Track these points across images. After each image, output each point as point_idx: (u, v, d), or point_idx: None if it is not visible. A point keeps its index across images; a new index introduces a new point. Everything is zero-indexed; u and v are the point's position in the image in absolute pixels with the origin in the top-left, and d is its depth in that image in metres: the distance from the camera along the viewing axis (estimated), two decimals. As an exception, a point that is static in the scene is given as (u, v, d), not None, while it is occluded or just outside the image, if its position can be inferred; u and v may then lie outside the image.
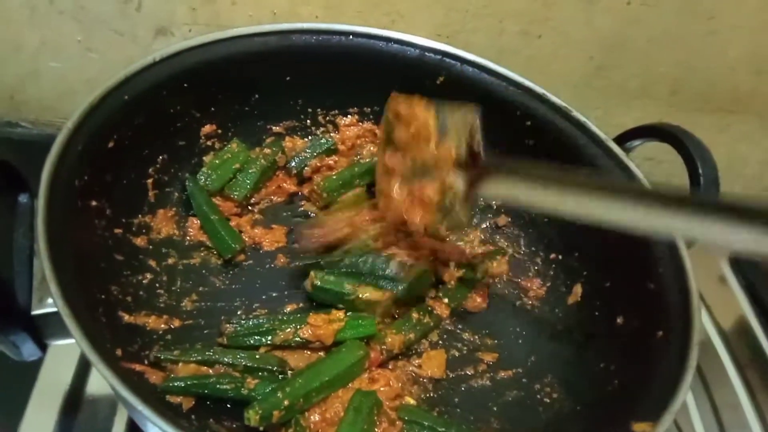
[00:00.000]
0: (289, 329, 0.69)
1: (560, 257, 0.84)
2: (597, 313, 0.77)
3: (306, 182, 0.87)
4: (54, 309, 0.53)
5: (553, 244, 0.85)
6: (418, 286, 0.76)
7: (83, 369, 0.76)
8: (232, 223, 0.80)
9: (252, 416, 0.60)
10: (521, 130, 0.83)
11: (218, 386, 0.64)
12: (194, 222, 0.80)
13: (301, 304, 0.75)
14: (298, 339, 0.69)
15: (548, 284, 0.83)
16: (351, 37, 0.83)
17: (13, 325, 0.55)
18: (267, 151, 0.85)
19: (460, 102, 0.71)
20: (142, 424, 0.62)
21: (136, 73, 0.71)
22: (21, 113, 1.07)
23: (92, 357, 0.51)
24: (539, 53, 1.03)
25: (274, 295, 0.76)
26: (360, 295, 0.72)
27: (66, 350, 0.75)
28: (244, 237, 0.80)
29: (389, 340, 0.71)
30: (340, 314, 0.71)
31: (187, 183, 0.81)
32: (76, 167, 0.64)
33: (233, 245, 0.77)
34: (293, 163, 0.86)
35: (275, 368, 0.66)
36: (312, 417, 0.63)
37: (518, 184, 0.66)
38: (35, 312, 0.57)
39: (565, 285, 0.82)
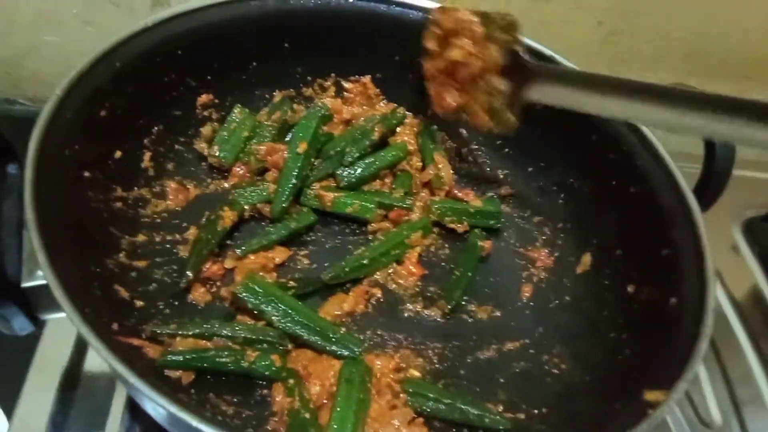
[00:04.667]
0: None
1: (569, 226, 0.82)
2: (607, 282, 0.75)
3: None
4: (44, 281, 0.52)
5: (561, 214, 0.83)
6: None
7: (81, 346, 0.75)
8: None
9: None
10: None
11: (217, 359, 0.62)
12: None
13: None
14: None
15: (556, 254, 0.81)
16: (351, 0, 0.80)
17: (3, 298, 0.54)
18: (276, 114, 0.82)
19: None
20: (139, 399, 0.61)
21: (127, 40, 0.69)
22: (19, 90, 1.05)
23: (81, 328, 0.49)
24: (548, 19, 1.00)
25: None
26: None
27: (63, 327, 0.74)
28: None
29: None
30: None
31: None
32: (66, 136, 0.62)
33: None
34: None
35: (275, 340, 0.65)
36: (314, 389, 0.61)
37: (564, 89, 0.68)
38: (25, 284, 0.55)
39: (574, 254, 0.80)
